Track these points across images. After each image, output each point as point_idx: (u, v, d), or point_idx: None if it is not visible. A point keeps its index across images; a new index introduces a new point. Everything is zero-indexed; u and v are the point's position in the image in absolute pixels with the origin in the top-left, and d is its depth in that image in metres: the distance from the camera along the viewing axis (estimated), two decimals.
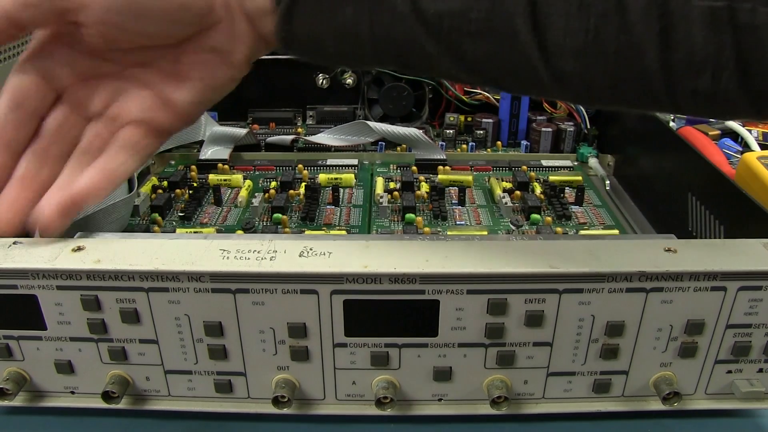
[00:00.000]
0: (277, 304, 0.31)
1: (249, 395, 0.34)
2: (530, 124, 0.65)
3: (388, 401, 0.33)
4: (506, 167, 0.60)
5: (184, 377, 0.34)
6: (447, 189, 0.55)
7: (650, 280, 0.30)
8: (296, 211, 0.52)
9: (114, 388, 0.33)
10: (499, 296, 0.31)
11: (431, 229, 0.49)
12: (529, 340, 0.32)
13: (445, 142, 0.64)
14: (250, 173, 0.59)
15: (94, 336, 0.32)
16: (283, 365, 0.33)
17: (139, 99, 0.34)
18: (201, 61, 0.34)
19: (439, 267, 0.29)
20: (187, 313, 0.31)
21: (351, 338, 0.32)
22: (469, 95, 0.67)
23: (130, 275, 0.30)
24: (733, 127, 0.67)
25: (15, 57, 0.46)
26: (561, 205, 0.52)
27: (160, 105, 0.34)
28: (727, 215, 0.40)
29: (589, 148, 0.63)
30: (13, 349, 0.33)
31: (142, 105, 0.34)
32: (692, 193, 0.45)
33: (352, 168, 0.59)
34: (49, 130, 0.34)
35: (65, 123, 0.34)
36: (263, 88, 0.70)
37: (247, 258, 0.30)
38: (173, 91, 0.34)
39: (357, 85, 0.67)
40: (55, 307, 0.32)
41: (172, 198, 0.53)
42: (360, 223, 0.50)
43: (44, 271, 0.30)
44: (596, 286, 0.30)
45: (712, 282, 0.30)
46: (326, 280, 0.30)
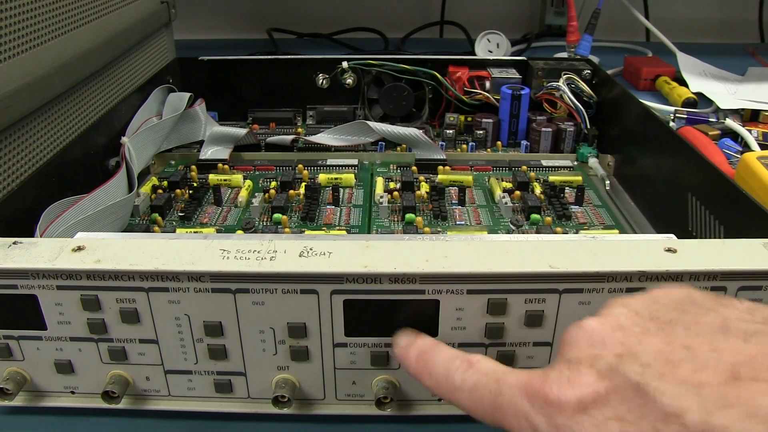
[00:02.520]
0: (277, 304, 0.31)
1: (249, 395, 0.34)
2: (530, 124, 0.65)
3: (388, 401, 0.33)
4: (506, 167, 0.60)
5: (184, 377, 0.34)
6: (447, 189, 0.55)
7: (650, 280, 0.30)
8: (296, 211, 0.52)
9: (114, 388, 0.33)
10: (499, 296, 0.31)
11: (431, 229, 0.49)
12: (529, 340, 0.32)
13: (445, 142, 0.64)
14: (250, 173, 0.59)
15: (94, 336, 0.32)
16: (283, 365, 0.33)
17: None
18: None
19: (439, 267, 0.29)
20: (187, 313, 0.31)
21: (351, 338, 0.32)
22: (469, 95, 0.67)
23: (130, 275, 0.30)
24: (733, 127, 0.67)
25: (15, 57, 0.46)
26: (561, 205, 0.52)
27: None
28: (727, 215, 0.40)
29: (589, 148, 0.63)
30: (13, 349, 0.33)
31: None
32: (692, 193, 0.44)
33: (352, 168, 0.59)
34: None
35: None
36: (263, 88, 0.70)
37: (247, 258, 0.30)
38: None
39: (357, 85, 0.67)
40: (55, 307, 0.32)
41: (172, 198, 0.53)
42: (360, 223, 0.50)
43: (44, 271, 0.30)
44: (596, 286, 0.30)
45: (712, 282, 0.30)
46: (326, 280, 0.30)
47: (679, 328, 0.21)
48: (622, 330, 0.22)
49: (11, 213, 0.39)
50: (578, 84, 0.65)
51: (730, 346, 0.20)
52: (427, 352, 0.29)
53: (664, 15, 1.21)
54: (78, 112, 0.57)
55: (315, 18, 1.25)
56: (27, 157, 0.49)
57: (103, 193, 0.46)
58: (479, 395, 0.25)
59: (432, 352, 0.29)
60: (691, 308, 0.23)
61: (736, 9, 1.27)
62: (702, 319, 0.22)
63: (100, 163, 0.53)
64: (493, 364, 0.26)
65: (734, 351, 0.20)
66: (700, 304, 0.23)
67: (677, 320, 0.22)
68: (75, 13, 0.56)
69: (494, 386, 0.24)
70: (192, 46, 0.99)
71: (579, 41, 0.95)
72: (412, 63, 0.66)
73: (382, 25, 1.19)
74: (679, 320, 0.22)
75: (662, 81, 0.88)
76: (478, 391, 0.25)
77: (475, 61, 0.70)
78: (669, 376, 0.20)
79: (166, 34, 0.83)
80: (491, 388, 0.25)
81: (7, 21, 0.45)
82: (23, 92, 0.46)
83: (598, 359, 0.22)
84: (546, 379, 0.22)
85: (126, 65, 0.68)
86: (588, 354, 0.22)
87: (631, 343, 0.22)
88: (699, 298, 0.23)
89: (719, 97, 0.80)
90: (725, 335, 0.20)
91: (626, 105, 0.59)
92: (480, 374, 0.26)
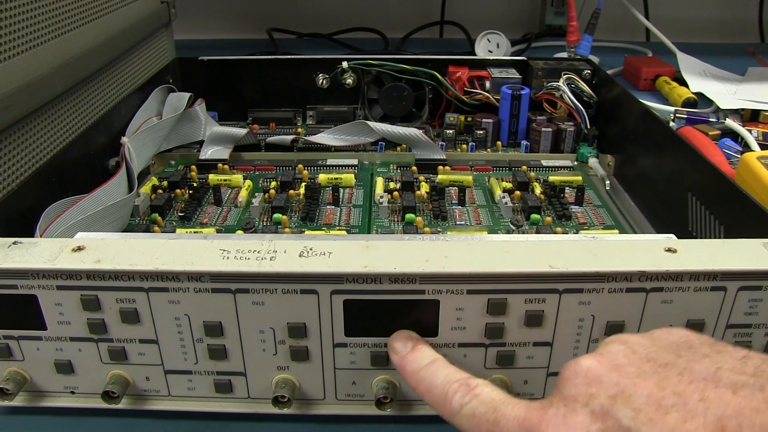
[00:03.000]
0: (277, 304, 0.31)
1: (249, 395, 0.34)
2: (530, 124, 0.65)
3: (388, 401, 0.33)
4: (506, 167, 0.60)
5: (184, 377, 0.34)
6: (447, 189, 0.55)
7: (650, 280, 0.30)
8: (296, 211, 0.52)
9: (114, 388, 0.33)
10: (499, 296, 0.30)
11: (431, 229, 0.49)
12: (529, 340, 0.32)
13: (445, 142, 0.64)
14: (250, 173, 0.59)
15: (94, 336, 0.32)
16: (283, 365, 0.33)
17: None
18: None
19: (439, 267, 0.29)
20: (187, 313, 0.31)
21: (351, 338, 0.32)
22: (469, 95, 0.67)
23: (130, 275, 0.30)
24: (733, 127, 0.67)
25: (15, 57, 0.46)
26: (561, 205, 0.52)
27: None
28: (727, 215, 0.40)
29: (589, 148, 0.63)
30: (13, 349, 0.33)
31: None
32: (692, 193, 0.44)
33: (352, 168, 0.59)
34: None
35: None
36: (263, 88, 0.70)
37: (247, 258, 0.30)
38: None
39: (357, 85, 0.67)
40: (55, 307, 0.32)
41: (172, 198, 0.53)
42: (360, 223, 0.50)
43: (44, 271, 0.30)
44: (596, 286, 0.30)
45: (712, 282, 0.30)
46: (326, 280, 0.30)
47: (673, 372, 0.22)
48: (618, 370, 0.23)
49: (11, 213, 0.39)
50: (578, 84, 0.65)
51: (719, 396, 0.21)
52: (425, 368, 0.29)
53: (664, 15, 1.21)
54: (78, 112, 0.57)
55: (315, 18, 1.25)
56: (27, 157, 0.49)
57: (103, 193, 0.46)
58: (477, 423, 0.26)
59: (430, 369, 0.29)
60: (686, 353, 0.23)
61: (736, 9, 1.27)
62: (696, 366, 0.22)
63: (100, 163, 0.53)
64: (492, 393, 0.26)
65: (722, 403, 0.20)
66: (697, 348, 0.23)
67: (672, 364, 0.23)
68: (75, 13, 0.56)
69: (492, 416, 0.25)
70: (192, 46, 0.99)
71: (579, 41, 0.95)
72: (412, 63, 0.66)
73: (382, 25, 1.19)
74: (674, 364, 0.23)
75: (662, 81, 0.88)
76: (476, 419, 0.26)
77: (475, 61, 0.70)
78: (659, 424, 0.20)
79: (166, 34, 0.83)
80: (489, 417, 0.25)
81: (7, 21, 0.45)
82: (23, 92, 0.46)
83: (593, 399, 0.22)
84: (544, 415, 0.23)
85: (126, 65, 0.68)
86: (584, 392, 0.23)
87: (625, 384, 0.22)
88: (696, 342, 0.24)
89: (719, 97, 0.80)
90: (716, 385, 0.21)
91: (626, 105, 0.59)
92: (479, 402, 0.26)
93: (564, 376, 0.24)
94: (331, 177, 0.56)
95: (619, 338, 0.25)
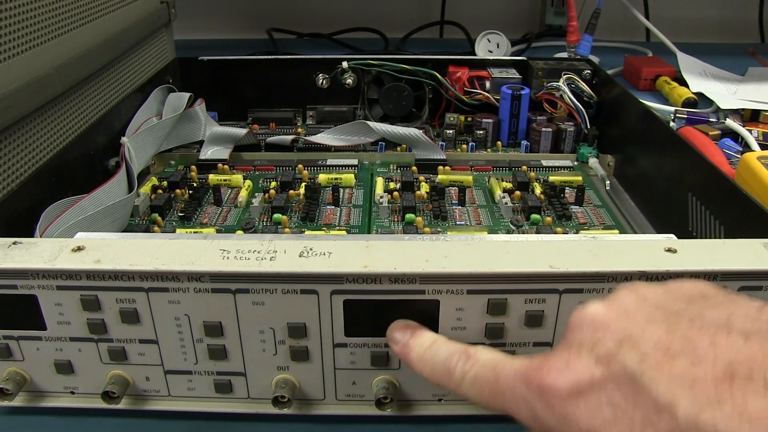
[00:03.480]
0: (277, 304, 0.31)
1: (249, 395, 0.34)
2: (530, 124, 0.65)
3: (388, 401, 0.33)
4: (506, 167, 0.60)
5: (184, 377, 0.34)
6: (447, 189, 0.55)
7: (650, 280, 0.30)
8: (296, 211, 0.52)
9: (114, 388, 0.33)
10: (499, 296, 0.30)
11: (431, 229, 0.49)
12: (529, 340, 0.32)
13: (445, 142, 0.64)
14: (250, 173, 0.59)
15: (94, 336, 0.32)
16: (283, 365, 0.33)
17: None
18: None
19: (439, 267, 0.29)
20: (187, 313, 0.31)
21: (351, 338, 0.32)
22: (469, 95, 0.67)
23: (130, 275, 0.30)
24: (733, 127, 0.67)
25: (15, 57, 0.46)
26: (561, 205, 0.52)
27: None
28: (727, 215, 0.40)
29: (589, 148, 0.63)
30: (13, 349, 0.33)
31: None
32: (692, 193, 0.44)
33: (352, 168, 0.59)
34: None
35: None
36: (263, 88, 0.70)
37: (247, 258, 0.30)
38: None
39: (357, 85, 0.67)
40: (55, 307, 0.32)
41: (172, 198, 0.53)
42: (360, 223, 0.50)
43: (44, 271, 0.30)
44: (596, 286, 0.30)
45: (712, 282, 0.30)
46: (326, 280, 0.30)
47: (683, 319, 0.22)
48: (626, 316, 0.22)
49: (11, 213, 0.39)
50: (578, 84, 0.65)
51: (730, 342, 0.20)
52: (427, 349, 0.29)
53: (664, 15, 1.21)
54: (78, 112, 0.57)
55: (315, 18, 1.25)
56: (27, 157, 0.49)
57: (103, 193, 0.46)
58: (480, 386, 0.26)
59: (432, 350, 0.29)
60: (699, 301, 0.23)
61: (736, 9, 1.27)
62: (707, 312, 0.22)
63: (100, 163, 0.53)
64: (491, 354, 0.26)
65: (733, 348, 0.20)
66: (711, 298, 0.23)
67: (683, 311, 0.22)
68: (75, 13, 0.56)
69: (492, 375, 0.25)
70: (192, 46, 0.99)
71: (579, 41, 0.95)
72: (412, 63, 0.66)
73: (382, 25, 1.19)
74: (685, 311, 0.22)
75: (662, 81, 0.88)
76: (479, 383, 0.26)
77: (475, 61, 0.70)
78: (666, 368, 0.20)
79: (166, 34, 0.83)
80: (490, 377, 0.25)
81: (7, 21, 0.45)
82: (23, 92, 0.46)
83: (599, 344, 0.22)
84: (544, 364, 0.23)
85: (126, 65, 0.68)
86: (590, 338, 0.22)
87: (633, 329, 0.22)
88: (711, 292, 0.23)
89: (719, 97, 0.80)
90: (728, 331, 0.20)
91: (626, 105, 0.59)
92: (479, 365, 0.26)
93: (571, 324, 0.24)
94: (331, 177, 0.56)
95: (630, 287, 0.24)
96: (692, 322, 0.21)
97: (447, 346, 0.29)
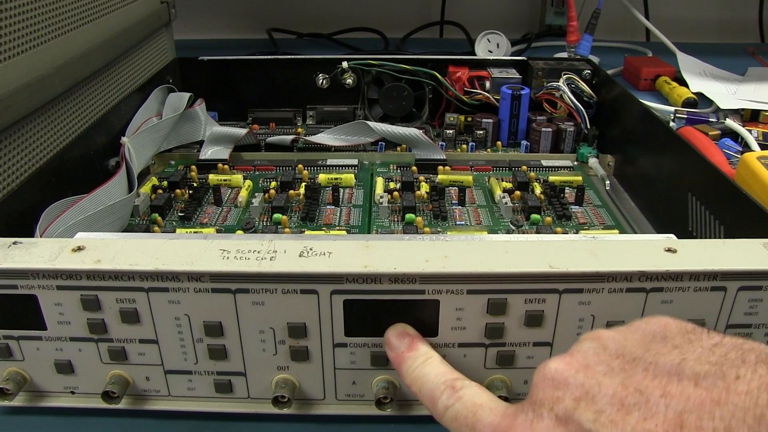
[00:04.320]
0: (277, 304, 0.31)
1: (249, 395, 0.34)
2: (530, 124, 0.65)
3: (388, 401, 0.33)
4: (506, 167, 0.60)
5: (184, 377, 0.34)
6: (447, 189, 0.55)
7: (650, 280, 0.30)
8: (296, 211, 0.52)
9: (114, 388, 0.33)
10: (499, 296, 0.30)
11: (431, 229, 0.49)
12: (529, 340, 0.32)
13: (445, 142, 0.64)
14: (250, 173, 0.59)
15: (94, 336, 0.32)
16: (283, 365, 0.33)
17: None
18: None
19: (439, 267, 0.29)
20: (187, 313, 0.31)
21: (351, 338, 0.32)
22: (469, 95, 0.67)
23: (130, 275, 0.30)
24: (733, 127, 0.67)
25: (15, 57, 0.46)
26: (561, 205, 0.52)
27: None
28: (727, 215, 0.40)
29: (589, 148, 0.63)
30: (13, 349, 0.33)
31: None
32: (692, 193, 0.44)
33: (352, 168, 0.59)
34: None
35: None
36: (263, 88, 0.70)
37: (247, 258, 0.30)
38: None
39: (357, 85, 0.67)
40: (55, 307, 0.32)
41: (172, 198, 0.53)
42: (360, 223, 0.50)
43: (44, 271, 0.30)
44: (596, 286, 0.30)
45: (712, 282, 0.30)
46: (326, 280, 0.30)
47: (639, 368, 0.22)
48: (585, 370, 0.23)
49: (11, 213, 0.39)
50: (578, 84, 0.65)
51: (681, 390, 0.20)
52: (419, 368, 0.30)
53: (664, 15, 1.21)
54: (78, 112, 0.57)
55: (315, 18, 1.25)
56: (27, 157, 0.49)
57: (103, 193, 0.46)
58: (458, 425, 0.26)
59: (423, 369, 0.30)
60: (657, 346, 0.23)
61: (736, 9, 1.27)
62: (661, 359, 0.22)
63: (100, 163, 0.53)
64: (474, 396, 0.27)
65: (683, 397, 0.20)
66: (669, 339, 0.23)
67: (640, 358, 0.22)
68: (75, 13, 0.56)
69: (471, 420, 0.26)
70: (192, 46, 0.99)
71: (579, 41, 0.95)
72: (412, 63, 0.66)
73: (382, 25, 1.19)
74: (641, 359, 0.22)
75: (662, 81, 0.88)
76: (458, 422, 0.27)
77: (475, 61, 0.70)
78: (620, 425, 0.20)
79: (166, 34, 0.83)
80: (468, 422, 0.26)
81: (7, 21, 0.45)
82: (23, 92, 0.46)
83: (558, 402, 0.22)
84: (513, 422, 0.24)
85: (126, 65, 0.68)
86: (550, 396, 0.23)
87: (590, 385, 0.22)
88: (672, 332, 0.24)
89: (719, 97, 0.80)
90: (678, 378, 0.21)
91: (626, 105, 0.59)
92: (461, 405, 0.27)
93: (535, 380, 0.24)
94: (331, 177, 0.56)
95: (593, 335, 0.25)
96: (647, 371, 0.22)
97: (438, 370, 0.29)
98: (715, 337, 0.22)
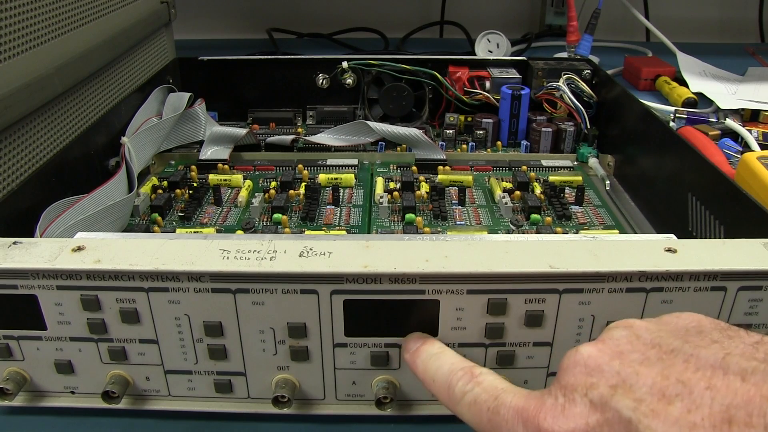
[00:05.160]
0: (277, 304, 0.31)
1: (249, 395, 0.34)
2: (530, 124, 0.65)
3: (388, 401, 0.33)
4: (506, 167, 0.60)
5: (184, 377, 0.34)
6: (447, 189, 0.55)
7: (650, 280, 0.30)
8: (296, 211, 0.52)
9: (114, 388, 0.33)
10: (499, 296, 0.30)
11: (431, 229, 0.49)
12: (529, 340, 0.32)
13: (445, 142, 0.64)
14: (250, 173, 0.59)
15: (94, 336, 0.32)
16: (283, 365, 0.33)
17: None
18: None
19: (439, 267, 0.29)
20: (187, 313, 0.31)
21: (351, 338, 0.32)
22: (469, 95, 0.67)
23: (130, 275, 0.30)
24: (733, 127, 0.67)
25: (15, 57, 0.46)
26: (561, 205, 0.52)
27: None
28: (727, 215, 0.40)
29: (589, 148, 0.63)
30: (13, 349, 0.33)
31: None
32: (692, 193, 0.44)
33: (352, 168, 0.59)
34: None
35: None
36: (263, 88, 0.70)
37: (247, 258, 0.30)
38: None
39: (357, 85, 0.67)
40: (55, 307, 0.32)
41: (172, 198, 0.53)
42: (360, 223, 0.50)
43: (44, 271, 0.30)
44: (596, 286, 0.30)
45: (712, 282, 0.30)
46: (326, 280, 0.30)
47: (678, 359, 0.21)
48: (620, 357, 0.22)
49: (11, 213, 0.39)
50: (578, 84, 0.65)
51: (727, 384, 0.19)
52: (433, 357, 0.29)
53: (664, 15, 1.21)
54: (78, 112, 0.57)
55: (315, 18, 1.25)
56: (27, 157, 0.49)
57: (103, 193, 0.46)
58: (477, 410, 0.25)
59: (438, 359, 0.29)
60: (694, 339, 0.22)
61: (736, 9, 1.27)
62: (703, 352, 0.21)
63: (100, 163, 0.53)
64: (494, 380, 0.26)
65: (730, 391, 0.19)
66: (707, 334, 0.22)
67: (678, 350, 0.22)
68: (75, 13, 0.56)
69: (493, 404, 0.25)
70: (192, 46, 0.99)
71: (579, 41, 0.95)
72: (412, 63, 0.66)
73: (382, 25, 1.19)
74: (680, 350, 0.22)
75: (662, 81, 0.88)
76: (477, 407, 0.25)
77: (475, 61, 0.70)
78: (661, 415, 0.19)
79: (166, 34, 0.83)
80: (490, 405, 0.25)
81: (7, 21, 0.45)
82: (23, 92, 0.46)
83: (592, 388, 0.22)
84: (542, 405, 0.23)
85: (126, 65, 0.68)
86: (583, 382, 0.22)
87: (627, 373, 0.21)
88: (707, 327, 0.23)
89: (719, 97, 0.80)
90: (724, 372, 0.20)
91: (626, 105, 0.59)
92: (480, 389, 0.26)
93: (564, 364, 0.24)
94: (331, 177, 0.56)
95: (624, 323, 0.24)
96: (687, 363, 0.21)
97: (453, 359, 0.29)
98: (754, 335, 0.22)
